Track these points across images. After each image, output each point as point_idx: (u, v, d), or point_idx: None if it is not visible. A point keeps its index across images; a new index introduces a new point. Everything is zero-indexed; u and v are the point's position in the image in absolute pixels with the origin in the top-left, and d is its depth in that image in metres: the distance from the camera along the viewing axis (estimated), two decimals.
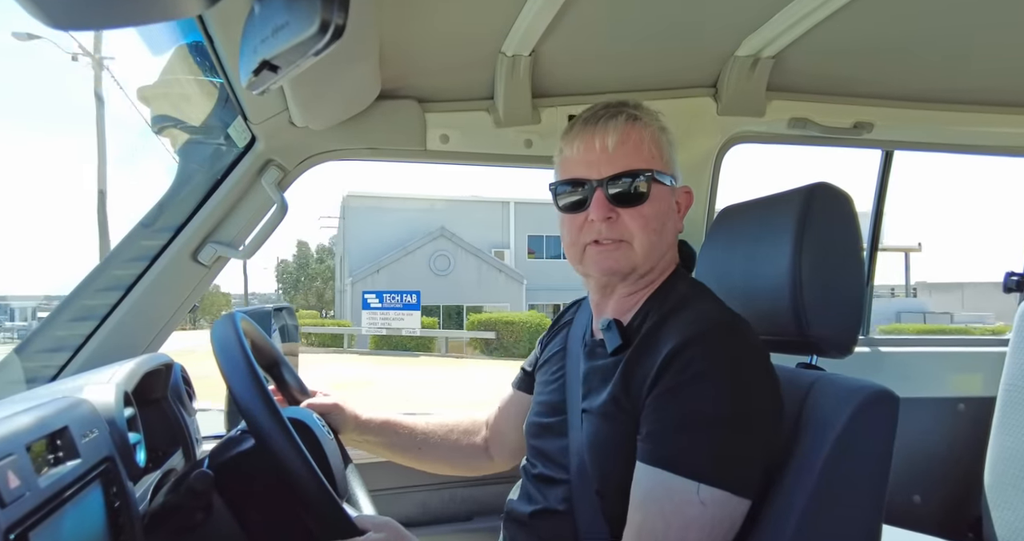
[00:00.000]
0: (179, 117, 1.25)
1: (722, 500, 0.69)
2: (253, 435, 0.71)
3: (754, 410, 0.73)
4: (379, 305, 17.34)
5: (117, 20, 0.46)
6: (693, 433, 0.71)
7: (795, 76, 1.37)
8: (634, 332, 0.84)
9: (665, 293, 0.87)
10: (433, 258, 20.48)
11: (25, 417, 0.56)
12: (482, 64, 1.23)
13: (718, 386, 0.72)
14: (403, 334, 17.29)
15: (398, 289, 17.83)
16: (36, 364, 1.09)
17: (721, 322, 0.77)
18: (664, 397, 0.73)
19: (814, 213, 0.85)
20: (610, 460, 0.80)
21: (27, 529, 0.48)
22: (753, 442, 0.72)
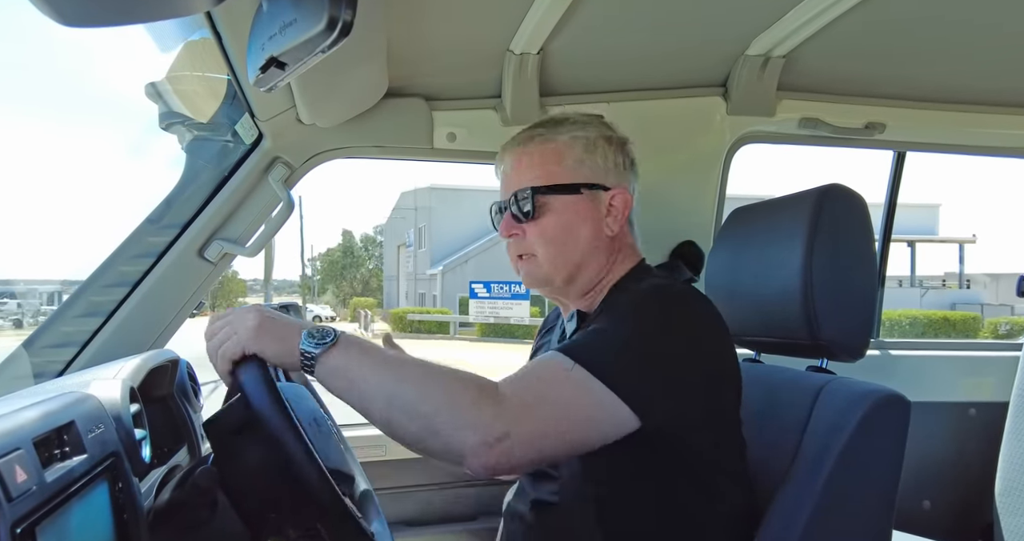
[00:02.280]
0: (186, 114, 1.25)
1: (589, 383, 0.67)
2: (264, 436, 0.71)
3: (669, 346, 0.72)
4: (487, 295, 17.78)
5: (127, 17, 0.46)
6: (591, 339, 0.73)
7: (806, 76, 1.36)
8: (594, 315, 0.86)
9: (623, 286, 0.88)
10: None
11: (32, 412, 0.57)
12: (490, 62, 1.23)
13: (639, 314, 0.74)
14: (511, 323, 17.75)
15: (486, 278, 18.28)
16: (43, 359, 1.10)
17: (661, 286, 0.79)
18: (589, 324, 0.77)
19: (826, 215, 0.84)
20: (593, 455, 0.78)
21: (33, 524, 0.48)
22: (653, 367, 0.70)
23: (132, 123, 31.79)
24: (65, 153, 71.24)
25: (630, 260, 0.91)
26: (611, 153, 0.89)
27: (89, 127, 71.11)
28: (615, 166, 0.89)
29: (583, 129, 0.89)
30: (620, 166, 0.90)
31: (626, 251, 0.91)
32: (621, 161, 0.90)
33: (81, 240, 63.16)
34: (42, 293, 12.42)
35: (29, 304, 13.13)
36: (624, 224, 0.89)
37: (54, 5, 0.43)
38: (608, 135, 0.90)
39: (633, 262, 0.91)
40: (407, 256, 26.39)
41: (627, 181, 0.90)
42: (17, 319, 12.33)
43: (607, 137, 0.90)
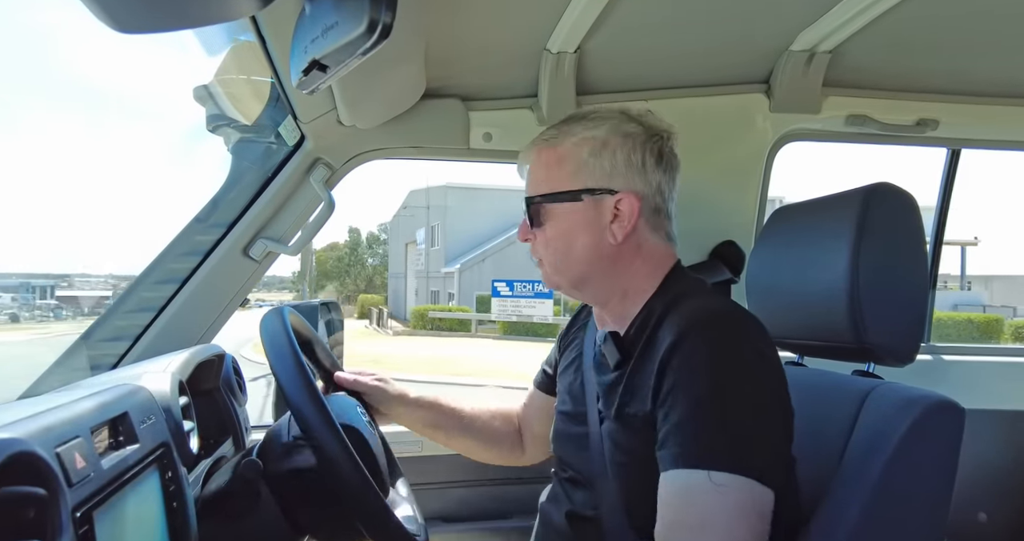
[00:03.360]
0: (233, 116, 1.29)
1: (739, 484, 0.65)
2: (302, 431, 0.72)
3: (753, 397, 0.69)
4: (509, 293, 18.06)
5: (178, 22, 0.48)
6: (696, 425, 0.68)
7: (853, 71, 1.32)
8: (632, 342, 0.82)
9: (660, 294, 0.83)
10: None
11: (89, 402, 0.59)
12: (526, 62, 1.23)
13: (712, 375, 0.69)
14: (534, 321, 17.95)
15: (503, 277, 18.62)
16: (99, 352, 1.15)
17: (707, 314, 0.74)
18: (666, 401, 0.71)
19: (874, 214, 0.81)
20: (630, 471, 0.78)
21: (91, 508, 0.51)
22: (760, 427, 0.68)
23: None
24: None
25: (657, 268, 0.85)
26: (625, 152, 0.82)
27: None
28: (628, 166, 0.82)
29: (597, 128, 0.83)
30: (636, 165, 0.82)
31: (647, 257, 0.85)
32: (638, 159, 0.82)
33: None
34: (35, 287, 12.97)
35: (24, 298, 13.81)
36: (633, 229, 0.82)
37: (111, 13, 0.45)
38: (627, 131, 0.83)
39: (662, 270, 0.85)
40: (416, 254, 26.41)
41: (642, 181, 0.83)
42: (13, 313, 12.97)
43: (625, 134, 0.83)
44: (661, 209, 0.85)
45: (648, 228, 0.84)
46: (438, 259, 23.98)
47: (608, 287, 0.86)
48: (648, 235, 0.85)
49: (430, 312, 21.00)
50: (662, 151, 0.84)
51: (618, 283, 0.85)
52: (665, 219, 0.86)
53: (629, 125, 0.84)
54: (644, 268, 0.85)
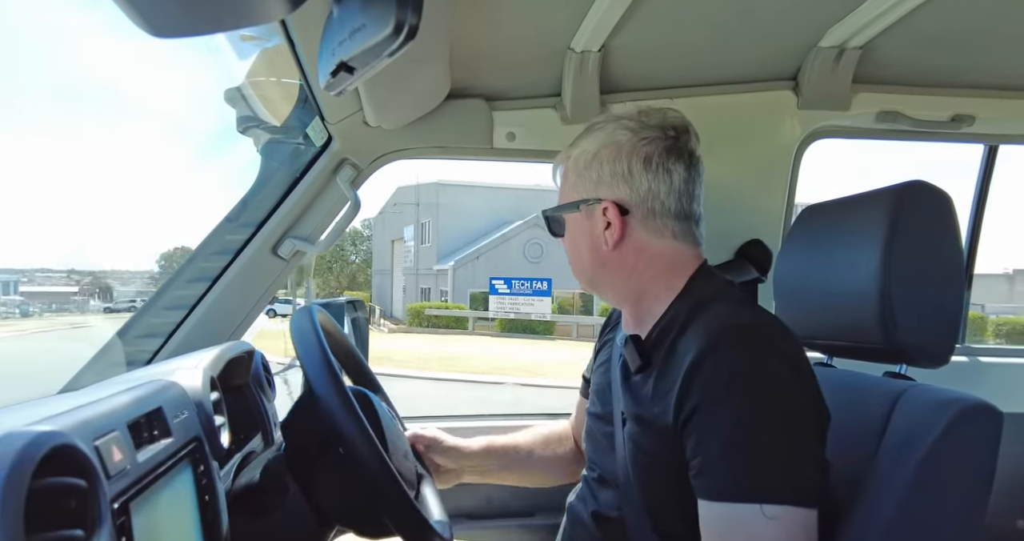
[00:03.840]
0: (262, 118, 1.32)
1: (789, 514, 0.65)
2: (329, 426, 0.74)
3: (789, 417, 0.68)
4: (507, 291, 18.22)
5: (211, 26, 0.49)
6: (737, 456, 0.67)
7: (885, 67, 1.29)
8: (654, 346, 0.81)
9: (683, 299, 0.82)
10: (527, 246, 21.41)
11: (125, 397, 0.61)
12: (550, 61, 1.23)
13: (746, 401, 0.68)
14: (532, 318, 18.04)
15: (496, 274, 18.85)
16: (134, 348, 1.18)
17: (734, 327, 0.72)
18: (698, 423, 0.70)
19: (908, 213, 0.80)
20: (652, 475, 0.78)
21: (127, 500, 0.52)
22: (798, 450, 0.68)
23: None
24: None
25: (672, 270, 0.84)
26: (610, 161, 0.84)
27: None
28: (612, 175, 0.84)
29: (593, 140, 0.87)
30: (621, 173, 0.83)
31: (653, 261, 0.84)
32: (623, 167, 0.83)
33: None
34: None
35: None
36: (623, 236, 0.83)
37: (146, 17, 0.46)
38: (615, 140, 0.84)
39: (681, 273, 0.84)
40: (404, 251, 26.14)
41: (626, 188, 0.83)
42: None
43: (613, 143, 0.84)
44: (659, 212, 0.84)
45: (645, 232, 0.84)
46: (428, 256, 23.85)
47: (619, 290, 0.88)
48: (648, 240, 0.84)
49: (426, 310, 20.94)
50: (649, 156, 0.83)
51: (627, 287, 0.87)
52: (670, 221, 0.84)
53: (619, 133, 0.85)
54: (651, 272, 0.85)
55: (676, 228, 0.84)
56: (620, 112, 0.88)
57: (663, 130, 0.84)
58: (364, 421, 0.74)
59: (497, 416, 1.55)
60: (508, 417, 1.55)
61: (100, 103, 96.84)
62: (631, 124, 0.85)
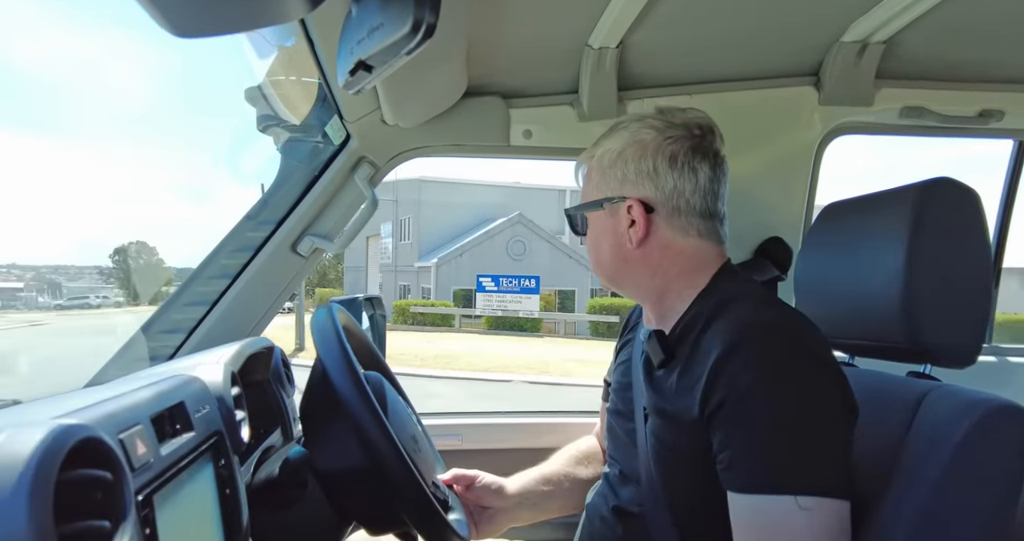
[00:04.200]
0: (282, 116, 1.33)
1: (823, 505, 0.66)
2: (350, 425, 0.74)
3: (818, 409, 0.69)
4: (495, 288, 18.28)
5: (232, 26, 0.49)
6: (770, 449, 0.68)
7: (909, 61, 1.26)
8: (677, 341, 0.82)
9: (706, 297, 0.83)
10: (510, 243, 21.32)
11: (148, 392, 0.62)
12: (567, 58, 1.22)
13: (771, 397, 0.68)
14: (520, 316, 18.10)
15: (481, 271, 18.86)
16: (157, 343, 1.21)
17: (759, 324, 0.73)
18: (725, 415, 0.70)
19: (933, 210, 0.78)
20: (674, 469, 0.79)
21: (152, 492, 0.53)
22: (829, 441, 0.68)
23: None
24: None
25: (696, 268, 0.85)
26: (636, 159, 0.85)
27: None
28: (637, 173, 0.85)
29: (617, 139, 0.88)
30: (646, 171, 0.84)
31: (677, 258, 0.85)
32: (648, 165, 0.84)
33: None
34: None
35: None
36: (648, 233, 0.84)
37: (169, 18, 0.47)
38: (640, 138, 0.85)
39: (704, 270, 0.85)
40: (381, 247, 25.75)
41: (652, 186, 0.84)
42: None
43: (638, 141, 0.85)
44: (684, 210, 0.85)
45: (671, 230, 0.85)
46: (408, 253, 23.67)
47: (642, 287, 0.89)
48: (673, 237, 0.85)
49: (411, 307, 20.72)
50: (675, 154, 0.84)
51: (650, 284, 0.87)
52: (695, 219, 0.85)
53: (645, 132, 0.86)
54: (675, 269, 0.86)
55: (701, 226, 0.85)
56: (645, 112, 0.90)
57: (688, 129, 0.85)
58: (385, 421, 0.74)
59: (526, 413, 1.56)
60: (536, 414, 1.55)
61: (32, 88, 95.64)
62: (656, 123, 0.86)
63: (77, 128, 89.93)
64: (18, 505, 0.37)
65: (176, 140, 74.84)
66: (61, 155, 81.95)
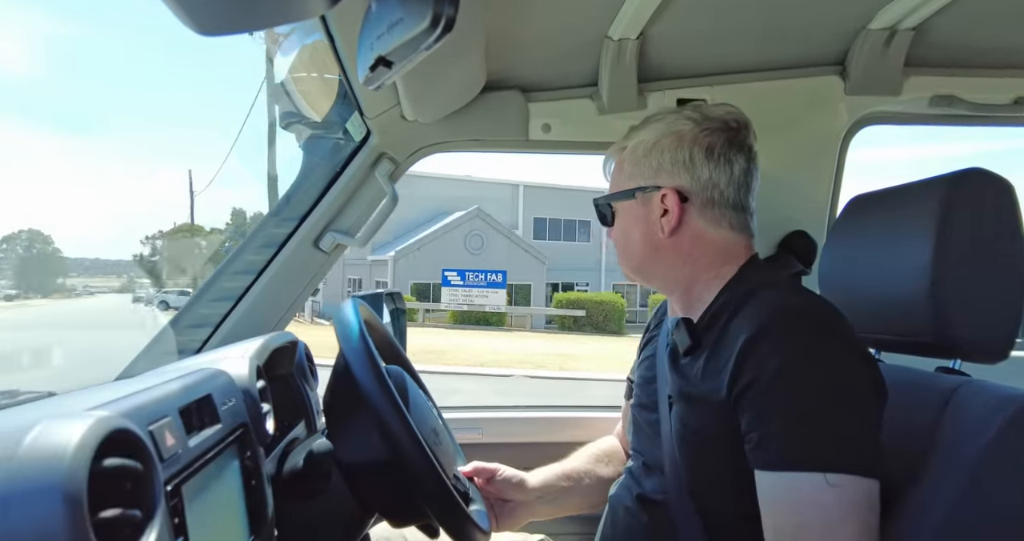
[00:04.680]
0: (304, 113, 1.35)
1: (853, 483, 0.66)
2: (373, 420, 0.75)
3: (847, 389, 0.69)
4: (460, 283, 18.25)
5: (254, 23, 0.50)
6: (799, 427, 0.69)
7: (939, 49, 1.23)
8: (705, 329, 0.83)
9: (734, 287, 0.84)
10: (468, 237, 21.15)
11: (176, 384, 0.63)
12: (586, 50, 1.21)
13: (800, 376, 0.69)
14: (486, 310, 18.06)
15: (435, 265, 18.77)
16: (185, 338, 1.23)
17: (788, 308, 0.74)
18: (753, 395, 0.71)
19: (963, 202, 0.76)
20: (699, 453, 0.80)
21: (180, 483, 0.54)
22: (858, 421, 0.69)
23: None
24: None
25: (725, 259, 0.86)
26: (672, 150, 0.86)
27: None
28: (673, 163, 0.86)
29: (652, 131, 0.89)
30: (683, 161, 0.86)
31: (708, 249, 0.86)
32: (684, 155, 0.85)
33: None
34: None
35: None
36: (680, 223, 0.86)
37: (192, 16, 0.48)
38: (677, 129, 0.87)
39: (733, 262, 0.86)
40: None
41: (687, 176, 0.85)
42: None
43: (675, 132, 0.87)
44: (718, 202, 0.86)
45: (703, 220, 0.86)
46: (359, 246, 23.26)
47: (670, 277, 0.90)
48: (705, 228, 0.87)
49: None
50: (712, 146, 0.85)
51: (680, 274, 0.88)
52: (728, 211, 0.86)
53: (682, 123, 0.87)
54: (704, 259, 0.87)
55: (733, 219, 0.87)
56: (682, 107, 0.92)
57: (725, 122, 0.86)
58: (407, 415, 0.75)
59: (545, 407, 1.56)
60: (555, 409, 1.56)
61: None
62: (693, 115, 0.87)
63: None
64: (54, 494, 0.38)
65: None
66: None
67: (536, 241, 23.00)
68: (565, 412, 1.54)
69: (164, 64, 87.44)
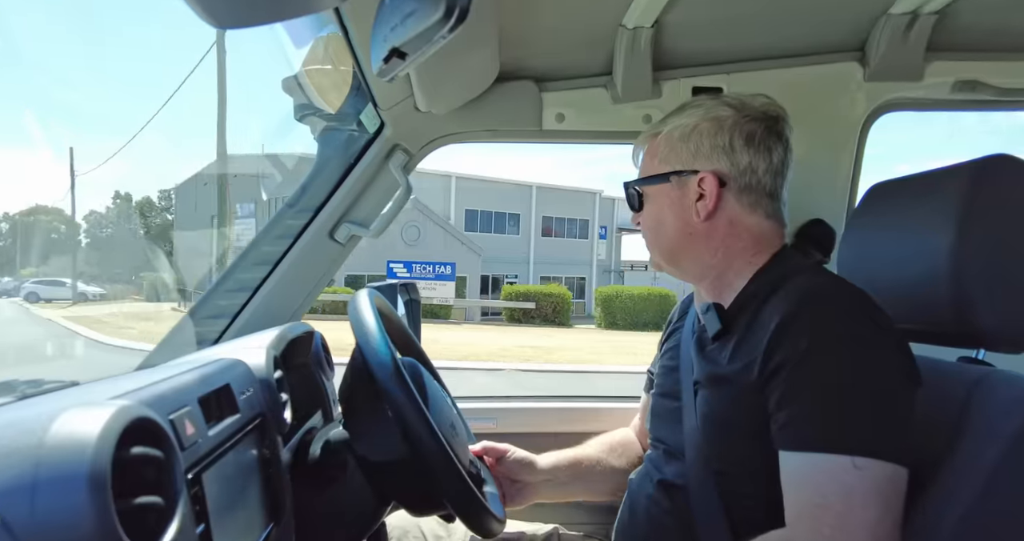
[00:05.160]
0: (318, 106, 1.35)
1: (879, 467, 0.66)
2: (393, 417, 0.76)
3: (879, 373, 0.69)
4: (407, 275, 18.10)
5: (271, 16, 0.50)
6: (829, 408, 0.69)
7: (963, 33, 1.20)
8: (735, 314, 0.84)
9: (767, 274, 0.84)
10: (404, 228, 20.83)
11: (195, 375, 0.64)
12: (600, 39, 1.20)
13: (832, 357, 0.69)
14: (435, 303, 17.99)
15: (369, 257, 18.17)
16: (204, 328, 1.25)
17: (822, 292, 0.74)
18: (785, 375, 0.71)
19: (988, 189, 0.75)
20: (724, 436, 0.80)
21: (200, 471, 0.55)
22: (889, 406, 0.69)
23: None
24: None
25: (758, 247, 0.87)
26: (711, 134, 0.86)
27: None
28: (713, 148, 0.86)
29: (690, 116, 0.89)
30: (722, 146, 0.86)
31: (742, 235, 0.87)
32: (724, 141, 0.86)
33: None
34: None
35: None
36: (717, 207, 0.86)
37: (208, 9, 0.48)
38: (717, 115, 0.87)
39: (765, 250, 0.87)
40: (244, 227, 19.06)
41: (727, 161, 0.86)
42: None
43: (715, 118, 0.87)
44: (754, 188, 0.86)
45: (739, 207, 0.87)
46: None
47: (701, 264, 0.89)
48: (741, 213, 0.87)
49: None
50: (753, 133, 0.86)
51: (713, 260, 0.88)
52: (764, 198, 0.87)
53: (722, 109, 0.87)
54: (738, 245, 0.87)
55: (768, 206, 0.87)
56: (708, 98, 0.92)
57: (765, 112, 0.87)
58: (427, 413, 0.76)
59: (559, 397, 1.56)
60: (569, 399, 1.56)
61: None
62: (733, 102, 0.88)
63: None
64: (79, 481, 0.39)
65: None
66: None
67: (469, 233, 23.02)
68: (580, 402, 1.54)
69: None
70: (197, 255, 23.13)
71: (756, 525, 0.73)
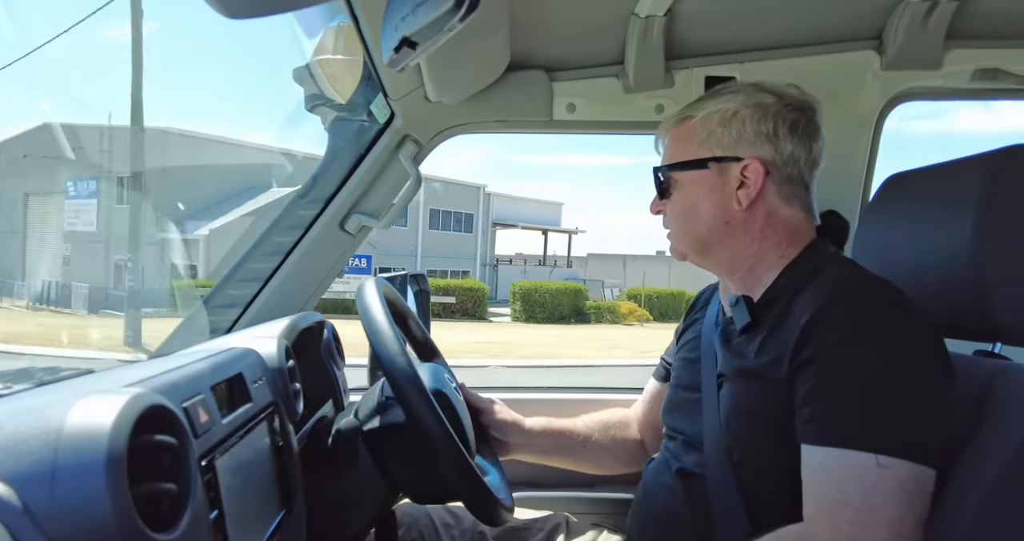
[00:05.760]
0: (329, 96, 1.35)
1: (904, 467, 0.65)
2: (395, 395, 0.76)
3: (912, 370, 0.68)
4: None
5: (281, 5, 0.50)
6: (857, 405, 0.68)
7: (983, 20, 1.17)
8: (764, 308, 0.82)
9: (798, 267, 0.83)
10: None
11: (208, 363, 0.65)
12: (612, 28, 1.19)
13: (864, 352, 0.68)
14: (348, 297, 17.60)
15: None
16: (217, 318, 1.26)
17: (855, 286, 0.73)
18: (814, 369, 0.70)
19: (1008, 180, 0.73)
20: (748, 429, 0.79)
21: (214, 458, 0.56)
22: (920, 404, 0.67)
23: None
24: None
25: (791, 240, 0.85)
26: (755, 120, 0.84)
27: None
28: (756, 134, 0.84)
29: (729, 100, 0.86)
30: (766, 133, 0.84)
31: (778, 227, 0.85)
32: (768, 128, 0.83)
33: None
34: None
35: None
36: (759, 196, 0.84)
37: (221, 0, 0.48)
38: (759, 101, 0.85)
39: (798, 243, 0.85)
40: (72, 209, 17.42)
41: (771, 149, 0.84)
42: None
43: (757, 104, 0.85)
44: (794, 179, 0.85)
45: (779, 197, 0.85)
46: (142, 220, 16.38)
47: (735, 255, 0.87)
48: (779, 204, 0.85)
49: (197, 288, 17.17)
50: (796, 122, 0.84)
51: (747, 251, 0.86)
52: (801, 189, 0.86)
53: (763, 96, 0.85)
54: (774, 237, 0.85)
55: (803, 198, 0.86)
56: (748, 84, 0.90)
57: (804, 102, 0.86)
58: (428, 393, 0.76)
59: (560, 389, 1.56)
60: (570, 390, 1.56)
61: None
62: (773, 89, 0.86)
63: None
64: (96, 467, 0.40)
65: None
66: None
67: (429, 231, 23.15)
68: (584, 394, 1.54)
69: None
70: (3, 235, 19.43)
71: (775, 518, 0.73)
